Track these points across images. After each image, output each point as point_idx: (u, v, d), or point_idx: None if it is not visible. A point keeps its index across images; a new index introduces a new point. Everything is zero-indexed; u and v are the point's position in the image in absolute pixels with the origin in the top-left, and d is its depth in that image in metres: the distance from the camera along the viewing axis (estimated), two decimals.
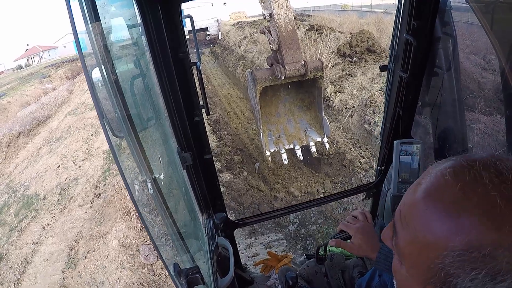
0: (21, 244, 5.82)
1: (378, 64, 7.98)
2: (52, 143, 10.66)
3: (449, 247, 0.48)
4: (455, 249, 0.47)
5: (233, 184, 5.84)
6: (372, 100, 6.70)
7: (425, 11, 1.58)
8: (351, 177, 5.71)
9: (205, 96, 1.61)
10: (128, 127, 0.98)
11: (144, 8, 1.22)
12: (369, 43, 8.98)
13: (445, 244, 0.48)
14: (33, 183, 8.05)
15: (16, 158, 10.45)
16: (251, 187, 5.82)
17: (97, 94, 0.87)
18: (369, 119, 6.26)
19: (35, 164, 9.26)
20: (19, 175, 8.86)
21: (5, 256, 5.54)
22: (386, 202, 2.07)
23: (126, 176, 0.95)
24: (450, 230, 0.48)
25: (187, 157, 1.57)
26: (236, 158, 6.65)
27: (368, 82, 7.39)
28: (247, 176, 6.17)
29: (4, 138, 11.33)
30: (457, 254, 0.47)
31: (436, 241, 0.50)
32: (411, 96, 1.84)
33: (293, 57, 5.08)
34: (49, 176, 8.17)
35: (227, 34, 22.28)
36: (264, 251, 4.23)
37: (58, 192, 7.30)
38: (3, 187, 8.35)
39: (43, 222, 6.36)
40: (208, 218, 1.88)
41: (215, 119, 9.15)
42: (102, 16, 0.89)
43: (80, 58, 0.81)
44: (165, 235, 1.29)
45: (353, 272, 2.21)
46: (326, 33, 10.76)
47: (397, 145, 1.88)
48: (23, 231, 6.19)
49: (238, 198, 5.54)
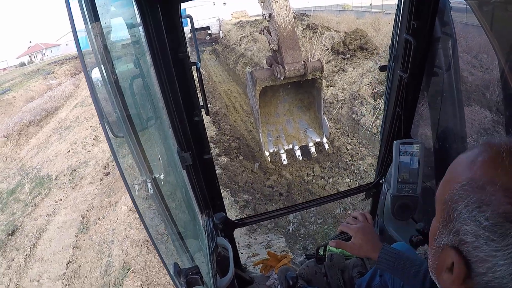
0: (35, 216, 6.26)
1: (369, 61, 8.36)
2: (62, 132, 11.18)
3: (459, 181, 0.58)
4: (461, 182, 0.58)
5: (229, 166, 6.29)
6: (360, 93, 7.12)
7: (425, 11, 1.58)
8: (338, 161, 6.08)
9: (204, 96, 1.61)
10: (127, 127, 0.98)
11: (143, 8, 1.22)
12: (362, 41, 9.39)
13: (457, 179, 0.59)
14: (45, 166, 8.51)
15: (27, 145, 10.90)
16: (246, 169, 6.20)
17: (97, 94, 0.87)
18: (357, 110, 6.79)
19: (46, 150, 9.69)
20: (31, 159, 9.29)
21: (20, 227, 5.99)
22: (385, 202, 2.07)
23: (126, 176, 0.95)
24: (464, 170, 0.59)
25: (186, 157, 1.57)
26: (233, 145, 7.08)
27: (358, 77, 7.83)
28: (242, 160, 6.56)
29: (15, 127, 11.85)
30: (461, 185, 0.57)
31: (452, 177, 0.61)
32: (410, 96, 1.84)
33: (292, 58, 5.08)
34: (60, 160, 8.67)
35: (228, 33, 22.43)
36: (264, 251, 4.24)
37: (69, 173, 7.81)
38: (16, 170, 8.78)
39: (55, 198, 6.85)
40: (208, 218, 1.88)
41: (215, 111, 9.47)
42: (101, 16, 0.89)
43: (79, 58, 0.81)
44: (164, 235, 1.29)
45: (352, 272, 2.21)
46: (321, 32, 11.24)
47: (396, 145, 1.88)
48: (37, 206, 6.66)
49: (233, 178, 5.92)
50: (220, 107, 10.08)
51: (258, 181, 5.94)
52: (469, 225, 0.55)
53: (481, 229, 0.53)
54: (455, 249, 0.59)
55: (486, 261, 0.54)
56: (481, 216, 0.53)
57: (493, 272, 0.53)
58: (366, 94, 7.00)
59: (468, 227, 0.55)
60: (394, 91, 1.89)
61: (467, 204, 0.56)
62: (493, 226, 0.52)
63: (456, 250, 0.58)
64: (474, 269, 0.56)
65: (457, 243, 0.58)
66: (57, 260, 4.93)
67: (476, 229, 0.54)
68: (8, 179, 8.33)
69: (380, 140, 2.18)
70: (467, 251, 0.57)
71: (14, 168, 9.09)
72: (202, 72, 12.05)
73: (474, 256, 0.56)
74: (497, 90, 1.59)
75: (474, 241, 0.55)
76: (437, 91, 1.87)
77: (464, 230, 0.56)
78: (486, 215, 0.53)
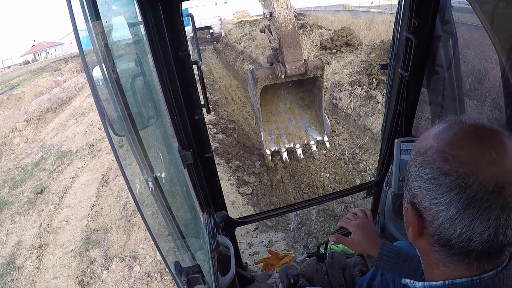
0: (60, 179, 7.18)
1: (351, 55, 9.35)
2: (77, 117, 11.99)
3: (414, 149, 0.72)
4: (415, 150, 0.71)
5: (225, 141, 7.44)
6: (340, 82, 8.21)
7: (426, 9, 1.57)
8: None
9: (205, 94, 1.61)
10: (129, 126, 0.98)
11: (145, 6, 1.22)
12: (348, 38, 10.53)
13: (413, 149, 0.73)
14: (65, 143, 9.39)
15: (46, 128, 11.65)
16: (239, 143, 7.25)
17: (98, 92, 0.87)
18: (336, 95, 7.98)
19: (64, 132, 10.59)
20: (51, 139, 10.11)
21: (47, 188, 6.88)
22: (387, 200, 2.07)
23: (127, 174, 0.96)
24: (418, 142, 0.73)
25: (187, 155, 1.58)
26: (229, 126, 8.23)
27: (340, 68, 8.94)
28: (236, 137, 7.63)
29: (35, 113, 12.68)
30: (414, 153, 0.71)
31: (413, 148, 0.74)
32: (411, 95, 1.84)
33: (293, 56, 5.07)
34: (78, 138, 9.58)
35: (229, 32, 22.69)
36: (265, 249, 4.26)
37: (87, 148, 8.70)
38: (38, 148, 9.53)
39: (77, 165, 7.77)
40: (209, 216, 1.88)
41: (215, 100, 10.58)
42: (102, 14, 0.89)
43: (80, 56, 0.81)
44: (166, 234, 1.30)
45: (354, 270, 2.21)
46: (312, 30, 12.56)
47: (397, 144, 1.88)
48: (61, 172, 7.56)
49: (228, 149, 7.02)
50: (219, 97, 11.18)
51: (248, 151, 6.94)
52: (415, 181, 0.68)
53: (423, 183, 0.66)
54: (410, 203, 0.71)
55: (431, 209, 0.65)
56: (423, 172, 0.66)
57: (437, 218, 0.64)
58: (344, 82, 8.11)
59: (416, 183, 0.68)
60: (395, 90, 1.89)
61: (415, 166, 0.69)
62: (431, 179, 0.64)
63: (411, 204, 0.71)
64: (425, 218, 0.68)
65: (411, 198, 0.71)
66: (82, 206, 5.88)
67: (420, 183, 0.67)
68: (31, 155, 9.02)
69: (381, 138, 2.18)
70: (418, 203, 0.69)
71: (36, 147, 9.77)
72: (204, 69, 12.40)
73: (422, 207, 0.68)
74: (497, 88, 1.59)
75: (420, 193, 0.67)
76: (438, 89, 1.87)
77: (414, 186, 0.69)
78: (425, 171, 0.65)
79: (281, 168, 6.08)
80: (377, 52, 8.29)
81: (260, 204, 5.41)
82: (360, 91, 7.46)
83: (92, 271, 4.29)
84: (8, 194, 6.92)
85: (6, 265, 4.74)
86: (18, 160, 8.85)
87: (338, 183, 5.62)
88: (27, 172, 7.94)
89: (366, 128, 6.79)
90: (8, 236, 5.45)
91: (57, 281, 4.27)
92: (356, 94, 7.52)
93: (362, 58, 8.66)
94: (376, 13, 17.44)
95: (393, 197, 1.95)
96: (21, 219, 5.89)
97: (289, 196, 5.50)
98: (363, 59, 8.52)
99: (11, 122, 11.79)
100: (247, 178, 5.94)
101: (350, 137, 6.97)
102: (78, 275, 4.26)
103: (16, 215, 6.02)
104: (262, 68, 6.00)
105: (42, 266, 4.58)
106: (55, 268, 4.50)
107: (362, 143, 6.50)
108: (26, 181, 7.44)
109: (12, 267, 4.68)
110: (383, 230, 2.19)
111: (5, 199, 6.71)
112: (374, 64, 7.80)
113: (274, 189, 5.70)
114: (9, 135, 10.95)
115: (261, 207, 5.31)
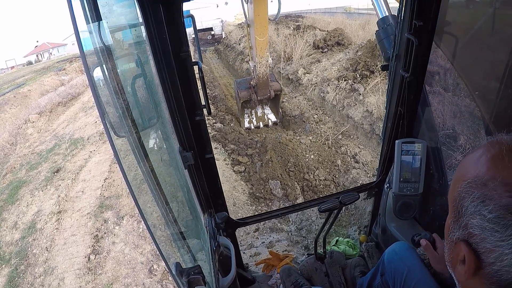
0: (74, 160, 7.81)
1: (342, 54, 10.00)
2: (87, 110, 12.46)
3: (465, 179, 0.63)
4: (467, 179, 0.62)
5: (222, 129, 8.32)
6: (328, 77, 9.02)
7: (427, 11, 1.57)
8: (305, 126, 8.18)
9: (206, 95, 1.60)
10: (129, 127, 0.98)
11: (145, 7, 1.22)
12: (340, 38, 11.20)
13: (464, 177, 0.64)
14: (77, 132, 9.97)
15: (58, 120, 12.23)
16: (235, 131, 8.29)
17: (99, 93, 0.87)
18: (324, 89, 8.78)
19: (75, 122, 11.16)
20: (63, 129, 10.71)
21: (63, 168, 7.50)
22: (387, 201, 2.07)
23: (128, 175, 0.95)
24: (469, 168, 0.64)
25: (188, 156, 1.57)
26: (227, 117, 9.11)
27: (329, 65, 9.68)
28: (233, 126, 8.63)
29: (48, 106, 13.37)
30: (467, 182, 0.62)
31: (460, 176, 0.66)
32: (412, 96, 1.84)
33: (263, 92, 8.26)
34: (89, 128, 10.17)
35: (230, 34, 22.80)
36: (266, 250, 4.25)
37: (98, 135, 9.26)
38: (51, 137, 10.12)
39: (90, 149, 8.38)
40: (210, 217, 1.88)
41: (215, 95, 11.43)
42: (103, 15, 0.89)
43: (81, 57, 0.81)
44: (166, 235, 1.29)
45: (354, 271, 2.21)
46: (306, 31, 13.20)
47: (398, 145, 1.87)
48: (75, 155, 8.18)
49: (225, 136, 7.98)
50: (218, 93, 11.90)
51: (243, 138, 7.89)
52: (475, 218, 0.60)
53: (486, 222, 0.57)
54: (465, 242, 0.63)
55: (493, 251, 0.58)
56: (485, 209, 0.57)
57: (501, 261, 0.57)
58: (332, 77, 8.91)
59: (475, 221, 0.60)
60: (396, 91, 1.88)
61: (472, 199, 0.60)
62: (496, 218, 0.56)
63: (466, 243, 0.63)
64: (483, 260, 0.60)
65: (466, 236, 0.63)
66: (96, 179, 6.58)
67: (482, 222, 0.58)
68: (45, 143, 9.61)
69: (382, 139, 2.17)
70: (476, 243, 0.61)
71: (49, 136, 10.34)
72: (204, 68, 12.79)
73: (482, 248, 0.60)
74: (498, 89, 1.58)
75: (480, 233, 0.59)
76: (439, 90, 1.86)
77: (472, 224, 0.61)
78: (489, 209, 0.57)
79: (271, 150, 7.05)
80: (364, 50, 8.76)
81: (251, 179, 6.26)
82: (345, 85, 8.15)
83: (106, 228, 4.99)
84: (26, 175, 7.55)
85: (27, 229, 5.42)
86: (33, 148, 9.42)
87: (321, 164, 6.54)
88: (42, 156, 8.52)
89: (349, 117, 7.53)
90: (28, 207, 6.11)
91: (74, 237, 4.95)
92: (341, 87, 8.24)
93: (350, 56, 9.19)
94: (373, 15, 17.64)
95: (394, 198, 1.95)
96: (39, 193, 6.53)
97: (276, 173, 6.34)
98: (350, 57, 9.06)
99: (24, 115, 12.41)
100: (240, 158, 6.95)
101: (335, 125, 7.86)
102: (93, 232, 4.94)
103: (35, 190, 6.67)
104: (243, 89, 8.43)
105: (61, 227, 5.27)
106: (73, 228, 5.19)
107: (345, 129, 7.44)
108: (42, 163, 8.01)
109: (33, 230, 5.36)
110: (384, 231, 2.19)
111: (23, 179, 7.35)
112: (360, 61, 8.31)
113: (264, 167, 6.54)
114: (22, 126, 11.57)
115: (252, 182, 6.18)
